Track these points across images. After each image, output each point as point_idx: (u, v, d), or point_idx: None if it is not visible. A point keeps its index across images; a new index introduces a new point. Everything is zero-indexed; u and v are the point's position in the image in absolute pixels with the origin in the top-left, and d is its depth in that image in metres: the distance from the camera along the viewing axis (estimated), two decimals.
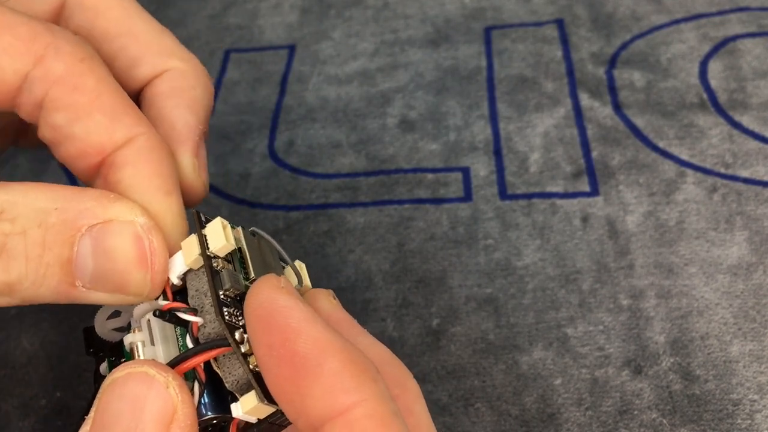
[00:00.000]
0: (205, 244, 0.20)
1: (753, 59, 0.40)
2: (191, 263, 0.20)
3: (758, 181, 0.35)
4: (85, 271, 0.19)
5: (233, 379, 0.19)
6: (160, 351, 0.20)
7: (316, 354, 0.17)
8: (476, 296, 0.33)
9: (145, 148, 0.21)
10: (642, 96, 0.40)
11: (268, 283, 0.18)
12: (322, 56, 0.45)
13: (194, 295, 0.20)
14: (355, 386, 0.17)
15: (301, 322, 0.17)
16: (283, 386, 0.17)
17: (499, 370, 0.30)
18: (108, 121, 0.21)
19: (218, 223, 0.20)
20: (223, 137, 0.41)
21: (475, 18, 0.46)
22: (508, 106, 0.40)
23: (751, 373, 0.29)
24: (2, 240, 0.19)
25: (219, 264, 0.20)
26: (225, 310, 0.19)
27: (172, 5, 0.51)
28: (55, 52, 0.21)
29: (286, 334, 0.17)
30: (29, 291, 0.19)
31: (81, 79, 0.21)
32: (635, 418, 0.28)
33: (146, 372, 0.18)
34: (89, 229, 0.19)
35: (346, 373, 0.17)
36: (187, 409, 0.18)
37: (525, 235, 0.35)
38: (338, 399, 0.16)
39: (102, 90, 0.21)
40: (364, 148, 0.40)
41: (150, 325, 0.21)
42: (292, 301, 0.18)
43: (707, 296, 0.31)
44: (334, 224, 0.36)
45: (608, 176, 0.36)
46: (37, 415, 0.31)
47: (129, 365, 0.18)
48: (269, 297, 0.18)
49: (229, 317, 0.19)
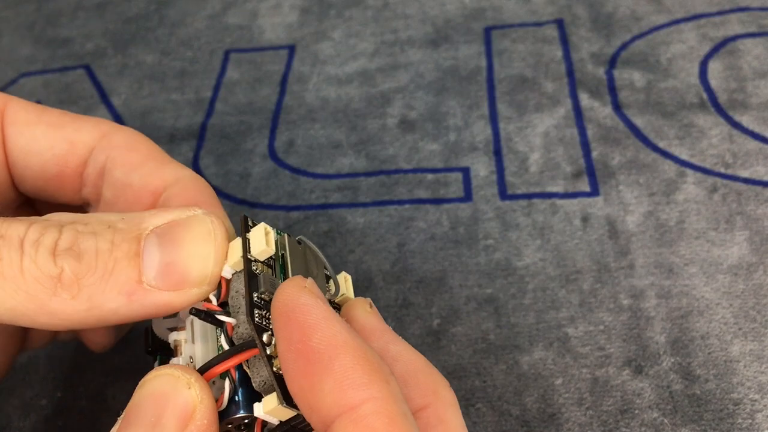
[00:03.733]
0: (248, 247, 0.21)
1: (753, 59, 0.40)
2: (234, 264, 0.21)
3: (758, 181, 0.35)
4: (152, 265, 0.21)
5: (260, 380, 0.20)
6: (199, 349, 0.21)
7: (329, 350, 0.17)
8: (477, 296, 0.33)
9: (191, 180, 0.25)
10: (642, 96, 0.40)
11: (293, 282, 0.19)
12: (322, 56, 0.45)
13: (234, 295, 0.21)
14: (366, 383, 0.17)
15: (318, 319, 0.18)
16: (299, 380, 0.18)
17: (499, 370, 0.30)
18: (158, 167, 0.25)
19: (261, 228, 0.21)
20: (223, 137, 0.41)
21: (475, 18, 0.46)
22: (508, 106, 0.40)
23: (752, 372, 0.29)
24: (74, 236, 0.20)
25: (258, 267, 0.21)
26: (256, 312, 0.20)
27: (172, 5, 0.51)
28: (116, 131, 0.26)
29: (304, 329, 0.18)
30: (96, 287, 0.20)
31: (136, 144, 0.26)
32: (636, 418, 0.28)
33: (172, 373, 0.19)
34: (155, 229, 0.21)
35: (357, 369, 0.17)
36: (206, 409, 0.19)
37: (525, 235, 0.35)
38: (347, 394, 0.17)
39: (149, 150, 0.26)
40: (364, 148, 0.40)
41: (192, 325, 0.22)
42: (312, 300, 0.19)
43: (708, 296, 0.31)
44: (335, 224, 0.36)
45: (608, 176, 0.36)
46: (38, 415, 0.31)
47: (160, 369, 0.20)
48: (292, 294, 0.19)
49: (259, 319, 0.20)
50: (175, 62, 0.47)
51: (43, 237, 0.20)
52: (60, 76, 0.47)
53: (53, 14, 0.52)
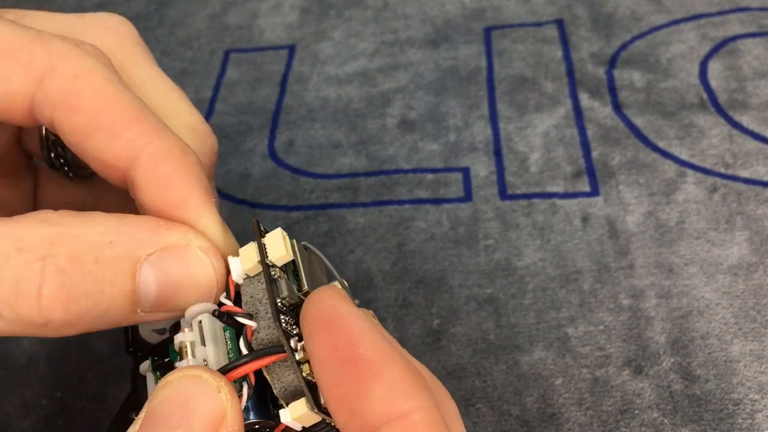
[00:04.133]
0: (265, 252, 0.21)
1: (753, 59, 0.40)
2: (249, 270, 0.21)
3: (758, 181, 0.35)
4: (148, 299, 0.20)
5: (282, 386, 0.20)
6: (211, 352, 0.21)
7: (377, 359, 0.18)
8: (477, 296, 0.33)
9: (153, 163, 0.21)
10: (642, 96, 0.40)
11: (330, 291, 0.19)
12: (322, 56, 0.45)
13: (249, 301, 0.20)
14: (414, 393, 0.17)
15: (364, 328, 0.18)
16: (343, 387, 0.18)
17: (499, 371, 0.30)
18: (109, 140, 0.21)
19: (279, 233, 0.21)
20: (223, 137, 0.41)
21: (475, 18, 0.46)
22: (508, 106, 0.40)
23: (752, 372, 0.29)
24: (61, 279, 0.19)
25: (276, 273, 0.21)
26: (282, 318, 0.20)
27: (172, 5, 0.51)
28: (50, 73, 0.21)
29: (350, 338, 0.18)
30: (89, 324, 0.19)
31: (76, 99, 0.21)
32: (636, 418, 0.28)
33: (200, 375, 0.18)
34: (147, 258, 0.20)
35: (406, 379, 0.18)
36: (236, 414, 0.18)
37: (525, 235, 0.35)
38: (397, 403, 0.17)
39: (99, 106, 0.21)
40: (364, 148, 0.40)
41: (201, 326, 0.21)
42: (354, 310, 0.19)
43: (707, 296, 0.31)
44: (335, 224, 0.36)
45: (608, 176, 0.36)
46: (38, 415, 0.31)
47: (184, 369, 0.19)
48: (333, 303, 0.19)
49: (285, 324, 0.20)
50: (175, 62, 0.47)
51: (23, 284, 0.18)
52: None
53: None
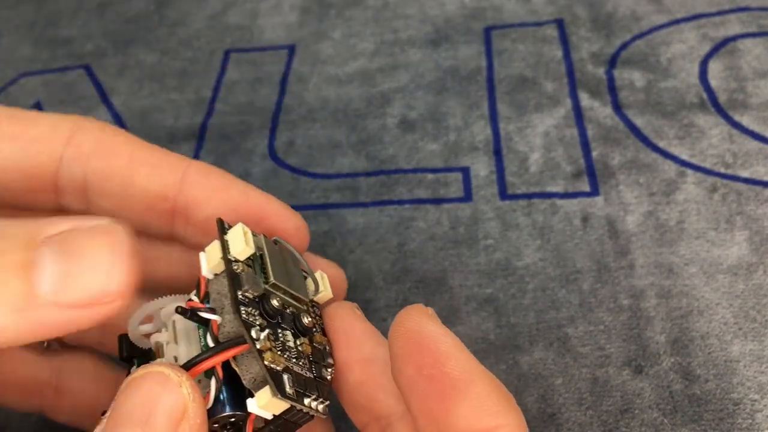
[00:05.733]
0: (227, 248, 0.21)
1: (753, 59, 0.40)
2: (213, 267, 0.21)
3: (758, 181, 0.35)
4: (46, 278, 0.18)
5: (250, 376, 0.20)
6: (183, 349, 0.21)
7: (464, 377, 0.18)
8: (476, 296, 0.33)
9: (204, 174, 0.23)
10: (642, 96, 0.40)
11: (417, 310, 0.20)
12: (322, 56, 0.45)
13: (215, 297, 0.21)
14: (502, 411, 0.18)
15: (450, 347, 0.19)
16: (430, 404, 0.18)
17: (499, 370, 0.30)
18: (153, 171, 0.23)
19: (239, 228, 0.21)
20: (223, 137, 0.41)
21: (475, 18, 0.46)
22: (508, 106, 0.40)
23: (752, 372, 0.29)
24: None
25: (239, 267, 0.21)
26: (243, 309, 0.20)
27: (172, 5, 0.51)
28: (79, 130, 0.23)
29: (437, 356, 0.19)
30: None
31: (112, 144, 0.23)
32: (636, 418, 0.28)
33: (162, 371, 0.19)
34: (51, 236, 0.18)
35: (492, 397, 0.18)
36: (197, 408, 0.19)
37: (525, 235, 0.35)
38: (485, 419, 0.18)
39: (133, 146, 0.23)
40: (364, 148, 0.40)
41: (174, 326, 0.22)
42: (441, 329, 0.19)
43: (707, 296, 0.31)
44: (334, 224, 0.36)
45: (608, 176, 0.36)
46: (38, 415, 0.31)
47: (147, 366, 0.19)
48: (419, 322, 0.20)
49: (246, 315, 0.20)
50: (175, 62, 0.47)
51: None
52: (60, 76, 0.47)
53: (53, 14, 0.52)
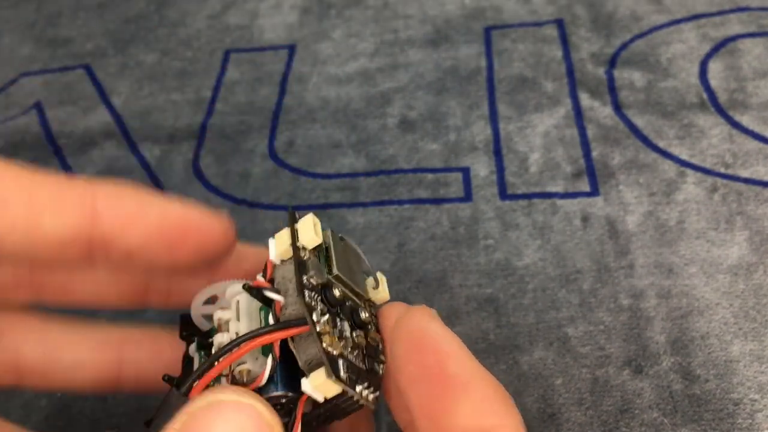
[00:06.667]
0: (296, 236, 0.22)
1: (753, 59, 0.40)
2: (281, 253, 0.22)
3: (758, 181, 0.35)
4: None
5: (307, 358, 0.20)
6: (244, 326, 0.21)
7: (466, 377, 0.19)
8: (476, 296, 0.33)
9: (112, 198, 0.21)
10: (642, 96, 0.40)
11: (422, 310, 0.20)
12: (322, 56, 0.45)
13: (280, 281, 0.21)
14: (500, 411, 0.18)
15: (452, 348, 0.19)
16: (430, 402, 0.19)
17: (499, 370, 0.30)
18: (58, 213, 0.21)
19: (310, 218, 0.22)
20: (223, 137, 0.41)
21: (475, 18, 0.46)
22: (508, 106, 0.40)
23: (752, 372, 0.29)
24: None
25: (306, 255, 0.22)
26: (306, 293, 0.20)
27: (172, 5, 0.51)
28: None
29: (439, 356, 0.19)
30: None
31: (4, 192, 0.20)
32: (636, 418, 0.28)
33: (254, 406, 0.17)
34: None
35: (493, 398, 0.18)
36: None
37: (525, 235, 0.35)
38: (484, 419, 0.18)
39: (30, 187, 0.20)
40: (364, 148, 0.40)
41: (238, 305, 0.22)
42: (444, 330, 0.20)
43: (707, 296, 0.31)
44: (334, 224, 0.36)
45: (608, 176, 0.36)
46: (38, 415, 0.31)
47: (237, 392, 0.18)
48: (423, 321, 0.20)
49: (309, 299, 0.20)
50: (175, 62, 0.47)
51: None
52: (60, 76, 0.47)
53: (53, 14, 0.52)
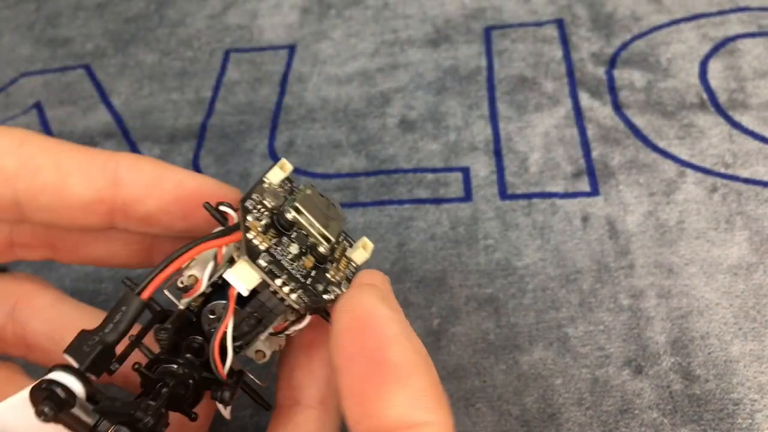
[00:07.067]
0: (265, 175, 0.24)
1: (753, 59, 0.40)
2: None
3: (758, 181, 0.35)
4: None
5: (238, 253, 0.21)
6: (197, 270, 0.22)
7: (404, 366, 0.18)
8: (476, 296, 0.33)
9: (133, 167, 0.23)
10: (642, 96, 0.40)
11: (371, 290, 0.20)
12: (322, 56, 0.45)
13: None
14: (434, 408, 0.18)
15: (397, 334, 0.19)
16: (364, 386, 0.18)
17: (499, 370, 0.30)
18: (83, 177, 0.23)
19: (282, 161, 0.24)
20: (223, 137, 0.41)
21: (475, 18, 0.46)
22: (508, 106, 0.40)
23: (752, 372, 0.29)
24: None
25: (267, 183, 0.24)
26: (249, 202, 0.22)
27: (172, 5, 0.51)
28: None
29: (382, 340, 0.18)
30: None
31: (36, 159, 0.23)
32: (636, 418, 0.28)
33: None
34: None
35: (428, 393, 0.18)
36: None
37: (525, 235, 0.35)
38: (416, 413, 0.18)
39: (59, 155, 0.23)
40: (364, 148, 0.40)
41: None
42: (392, 312, 0.19)
43: (707, 296, 0.31)
44: None
45: (608, 176, 0.36)
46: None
47: None
48: (371, 303, 0.19)
49: (252, 208, 0.21)
50: (175, 62, 0.47)
51: None
52: (60, 76, 0.47)
53: (53, 14, 0.52)
